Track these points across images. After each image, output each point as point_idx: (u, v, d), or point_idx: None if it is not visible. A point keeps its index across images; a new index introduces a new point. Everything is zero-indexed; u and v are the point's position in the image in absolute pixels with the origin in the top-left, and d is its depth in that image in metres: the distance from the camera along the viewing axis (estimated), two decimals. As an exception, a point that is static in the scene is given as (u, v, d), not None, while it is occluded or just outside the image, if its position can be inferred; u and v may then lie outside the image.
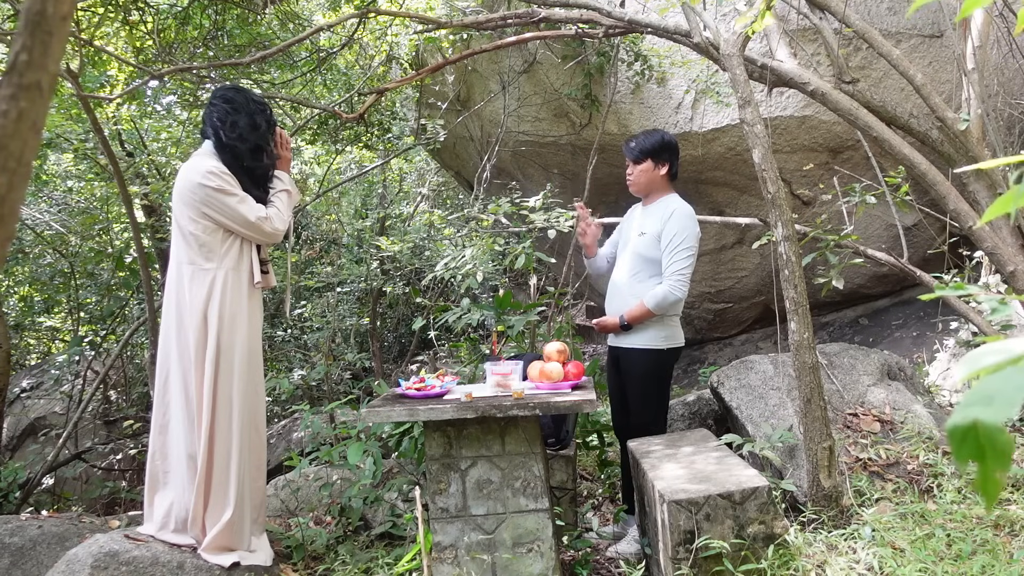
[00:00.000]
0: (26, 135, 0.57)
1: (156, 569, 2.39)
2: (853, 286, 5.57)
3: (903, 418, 3.20)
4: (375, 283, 6.05)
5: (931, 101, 3.22)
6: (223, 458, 2.61)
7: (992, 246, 3.06)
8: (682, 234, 2.86)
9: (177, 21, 4.71)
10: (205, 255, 2.60)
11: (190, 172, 2.60)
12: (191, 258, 2.61)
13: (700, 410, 4.06)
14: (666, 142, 2.98)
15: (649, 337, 2.94)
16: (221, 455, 2.60)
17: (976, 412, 0.48)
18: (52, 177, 6.75)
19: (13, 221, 0.58)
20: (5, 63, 0.76)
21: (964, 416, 0.48)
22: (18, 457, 5.82)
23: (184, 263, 2.62)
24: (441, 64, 4.65)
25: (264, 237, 2.70)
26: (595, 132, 5.21)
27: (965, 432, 0.48)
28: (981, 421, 0.47)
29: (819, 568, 2.32)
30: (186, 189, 2.59)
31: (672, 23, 3.46)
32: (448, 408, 2.35)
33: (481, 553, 2.44)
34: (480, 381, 3.15)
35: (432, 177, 8.35)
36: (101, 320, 6.41)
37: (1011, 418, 3.37)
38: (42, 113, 0.58)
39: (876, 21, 4.54)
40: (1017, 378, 0.49)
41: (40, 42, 0.57)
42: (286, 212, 2.78)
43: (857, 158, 4.88)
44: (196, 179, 2.57)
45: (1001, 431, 0.48)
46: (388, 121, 6.05)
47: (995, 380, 0.50)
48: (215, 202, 2.57)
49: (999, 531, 2.51)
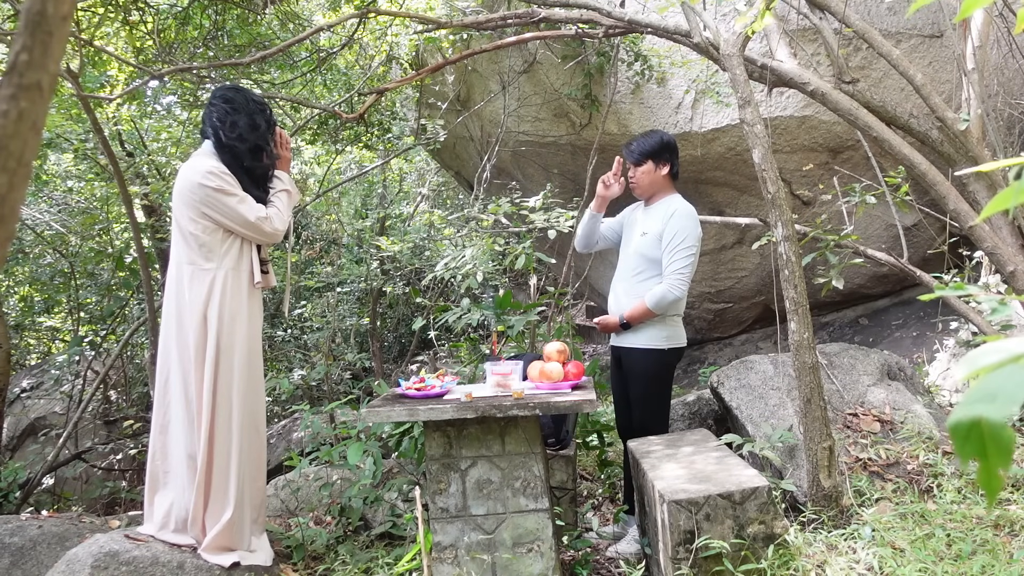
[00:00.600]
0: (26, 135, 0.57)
1: (156, 569, 2.39)
2: (853, 286, 5.57)
3: (903, 418, 3.20)
4: (375, 283, 6.05)
5: (931, 101, 3.22)
6: (223, 458, 2.61)
7: (992, 246, 3.06)
8: (683, 234, 2.86)
9: (177, 21, 4.71)
10: (205, 255, 2.60)
11: (190, 172, 2.60)
12: (191, 258, 2.61)
13: (700, 410, 4.06)
14: (665, 142, 2.98)
15: (651, 337, 2.94)
16: (221, 455, 2.60)
17: (979, 409, 0.48)
18: (52, 177, 6.75)
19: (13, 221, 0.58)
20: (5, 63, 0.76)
21: (967, 413, 0.48)
22: (18, 457, 5.82)
23: (184, 263, 2.62)
24: (441, 64, 4.65)
25: (264, 237, 2.70)
26: (595, 132, 5.21)
27: (968, 429, 0.48)
28: (984, 418, 0.48)
29: (819, 568, 2.32)
30: (186, 189, 2.59)
31: (672, 23, 3.46)
32: (448, 408, 2.35)
33: (481, 553, 2.44)
34: (480, 381, 3.15)
35: (432, 177, 8.35)
36: (101, 320, 6.41)
37: (1012, 416, 3.37)
38: (42, 113, 0.58)
39: (876, 21, 4.54)
40: (1019, 375, 0.49)
41: (40, 42, 0.57)
42: (286, 212, 2.78)
43: (857, 158, 4.88)
44: (196, 179, 2.57)
45: (1004, 427, 0.48)
46: (388, 121, 6.05)
47: (997, 378, 0.50)
48: (215, 202, 2.57)
49: (999, 531, 2.51)
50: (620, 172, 3.09)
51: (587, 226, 3.21)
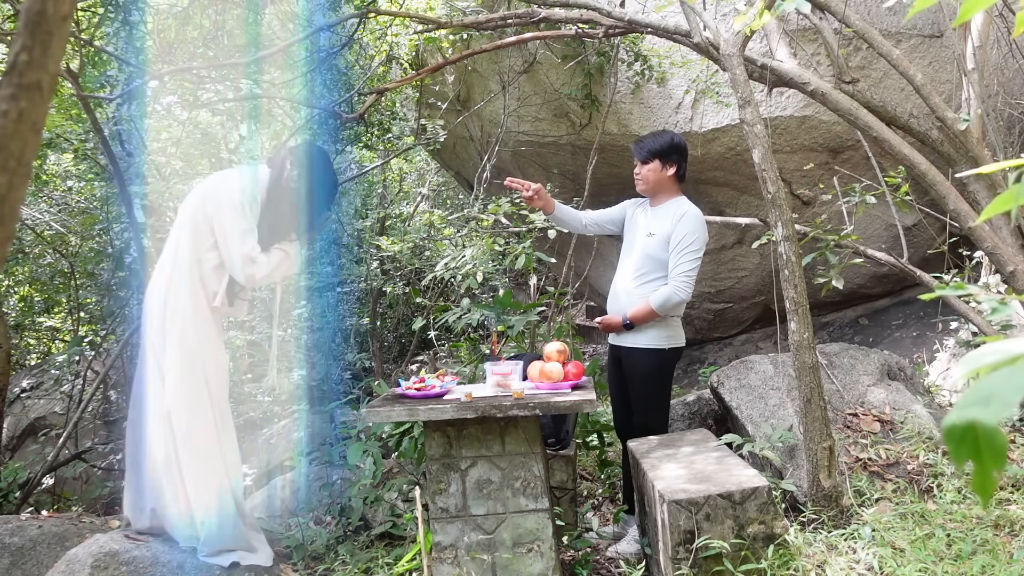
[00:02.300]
0: (26, 135, 0.57)
1: (156, 569, 2.39)
2: (853, 286, 5.57)
3: (903, 418, 3.20)
4: (375, 283, 6.05)
5: (931, 101, 3.22)
6: (202, 460, 2.59)
7: (992, 246, 3.06)
8: (691, 236, 2.87)
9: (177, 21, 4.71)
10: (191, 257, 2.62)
11: (226, 179, 2.63)
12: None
13: (700, 410, 4.06)
14: (675, 144, 2.98)
15: (651, 337, 2.94)
16: (199, 458, 2.58)
17: (973, 412, 0.48)
18: (52, 177, 6.74)
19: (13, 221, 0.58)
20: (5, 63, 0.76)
21: (961, 416, 0.49)
22: (18, 457, 5.82)
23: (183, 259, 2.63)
24: (441, 64, 4.65)
25: (239, 273, 2.63)
26: (595, 132, 5.21)
27: (963, 432, 0.48)
28: (978, 421, 0.48)
29: (819, 568, 2.32)
30: (213, 190, 2.61)
31: (672, 23, 3.46)
32: (448, 408, 2.35)
33: (481, 553, 2.44)
34: (480, 381, 3.15)
35: (432, 177, 8.35)
36: (101, 320, 6.41)
37: (1011, 418, 3.37)
38: (42, 113, 0.58)
39: (876, 21, 4.54)
40: (1014, 378, 0.49)
41: (40, 42, 0.57)
42: (274, 270, 2.71)
43: (857, 158, 4.88)
44: (227, 185, 2.59)
45: (997, 431, 0.48)
46: (388, 121, 6.04)
47: (992, 380, 0.50)
48: (224, 214, 2.57)
49: (999, 531, 2.51)
50: (522, 186, 3.02)
51: (558, 222, 3.27)
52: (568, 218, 3.22)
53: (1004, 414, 0.47)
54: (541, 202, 3.07)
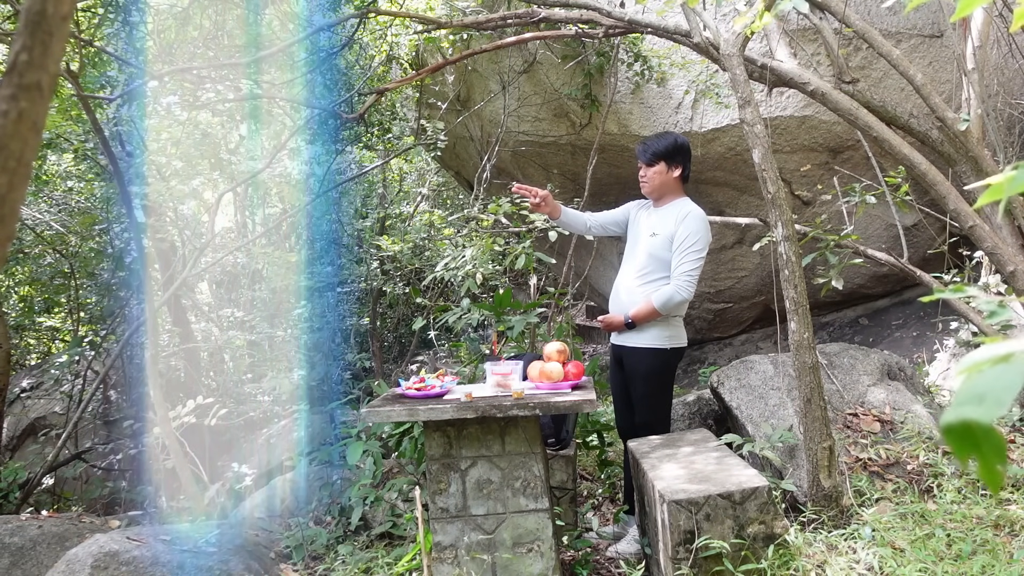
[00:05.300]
0: (26, 135, 0.57)
1: (156, 569, 2.39)
2: (853, 286, 5.57)
3: (903, 418, 3.20)
4: (375, 283, 6.05)
5: (931, 101, 3.22)
6: None
7: (992, 246, 3.06)
8: (695, 236, 2.87)
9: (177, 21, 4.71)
10: None
11: None
12: None
13: (700, 410, 4.06)
14: (679, 145, 2.99)
15: (653, 337, 2.94)
16: None
17: (967, 411, 0.48)
18: (52, 177, 6.74)
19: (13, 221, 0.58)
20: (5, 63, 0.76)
21: (956, 415, 0.49)
22: (18, 457, 5.82)
23: None
24: (441, 64, 4.65)
25: None
26: (595, 132, 5.21)
27: (961, 430, 0.48)
28: (973, 420, 0.48)
29: (819, 568, 2.32)
30: None
31: (672, 23, 3.46)
32: (448, 408, 2.35)
33: (481, 553, 2.44)
34: (480, 381, 3.15)
35: (432, 177, 8.35)
36: (101, 320, 6.41)
37: (1010, 418, 3.36)
38: (42, 113, 0.58)
39: (876, 21, 4.54)
40: (1006, 376, 0.49)
41: (40, 42, 0.57)
42: None
43: (857, 158, 4.88)
44: None
45: (992, 429, 0.48)
46: (388, 121, 6.04)
47: (985, 378, 0.50)
48: None
49: (999, 531, 2.51)
50: (531, 192, 3.05)
51: (564, 226, 3.27)
52: (573, 221, 3.23)
53: (998, 412, 0.47)
54: (548, 208, 3.09)
